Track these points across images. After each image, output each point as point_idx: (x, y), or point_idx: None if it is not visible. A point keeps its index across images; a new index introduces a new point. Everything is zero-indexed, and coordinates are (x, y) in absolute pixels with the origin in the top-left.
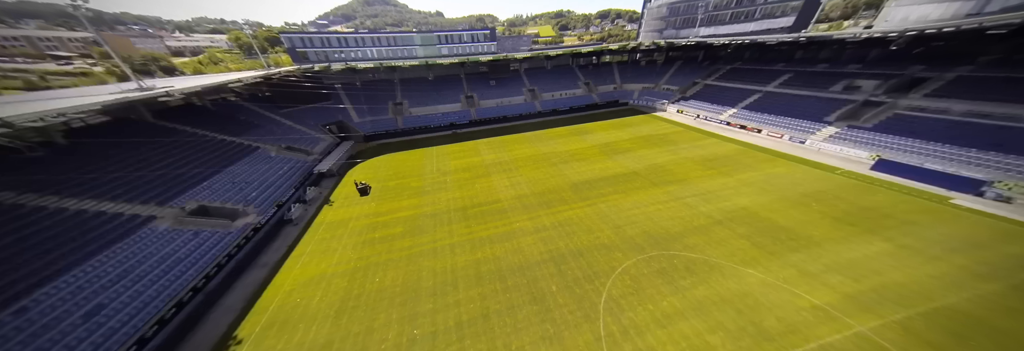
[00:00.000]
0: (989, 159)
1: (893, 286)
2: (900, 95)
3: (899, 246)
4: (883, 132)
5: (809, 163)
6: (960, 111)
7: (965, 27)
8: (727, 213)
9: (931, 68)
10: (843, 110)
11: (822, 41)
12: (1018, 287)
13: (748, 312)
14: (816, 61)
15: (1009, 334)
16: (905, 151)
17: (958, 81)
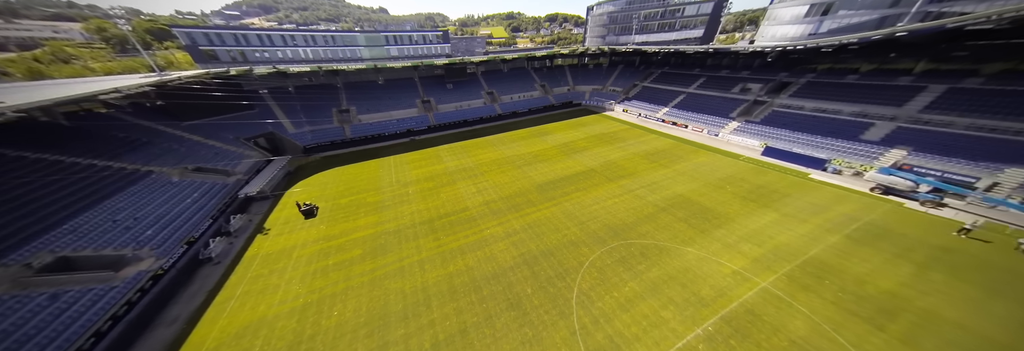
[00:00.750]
0: (828, 143)
1: (781, 247)
2: (775, 95)
3: (783, 215)
4: (767, 125)
5: (722, 152)
6: (810, 107)
7: (809, 45)
8: (668, 200)
9: (791, 75)
10: (741, 108)
11: (723, 52)
12: (848, 236)
13: (690, 285)
14: (721, 68)
15: (845, 271)
16: (781, 139)
17: (808, 85)
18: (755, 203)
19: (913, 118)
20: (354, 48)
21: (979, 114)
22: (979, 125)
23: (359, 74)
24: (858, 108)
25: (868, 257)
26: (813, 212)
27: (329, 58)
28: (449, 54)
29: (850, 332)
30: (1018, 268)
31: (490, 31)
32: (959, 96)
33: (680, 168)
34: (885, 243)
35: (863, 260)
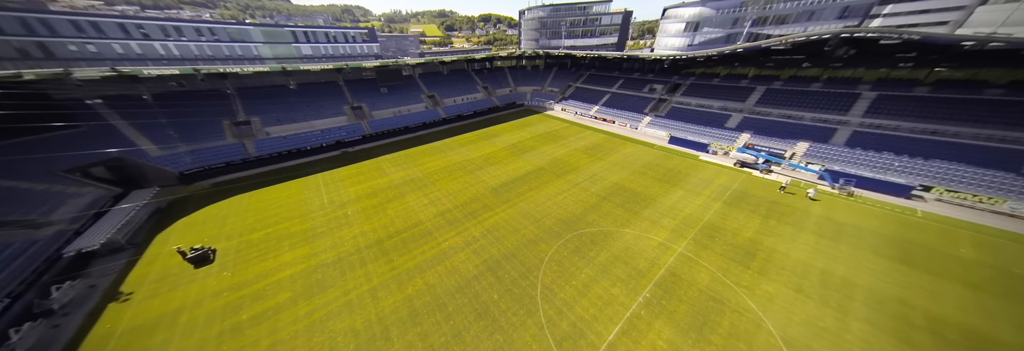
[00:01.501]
0: (707, 131)
1: (688, 217)
2: (672, 94)
3: (686, 191)
4: (670, 118)
5: (642, 143)
6: (695, 104)
7: (686, 56)
8: (607, 190)
9: (680, 77)
10: (650, 105)
11: (634, 58)
12: (725, 202)
13: (630, 261)
14: (633, 71)
15: (726, 229)
16: (680, 129)
17: (691, 86)
18: (668, 183)
19: (751, 110)
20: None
21: (784, 106)
22: (784, 114)
23: (260, 78)
24: (721, 103)
25: (737, 215)
26: (704, 186)
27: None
28: (379, 54)
29: (732, 274)
30: (809, 209)
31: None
32: (773, 94)
33: (613, 159)
34: (745, 203)
35: (734, 218)
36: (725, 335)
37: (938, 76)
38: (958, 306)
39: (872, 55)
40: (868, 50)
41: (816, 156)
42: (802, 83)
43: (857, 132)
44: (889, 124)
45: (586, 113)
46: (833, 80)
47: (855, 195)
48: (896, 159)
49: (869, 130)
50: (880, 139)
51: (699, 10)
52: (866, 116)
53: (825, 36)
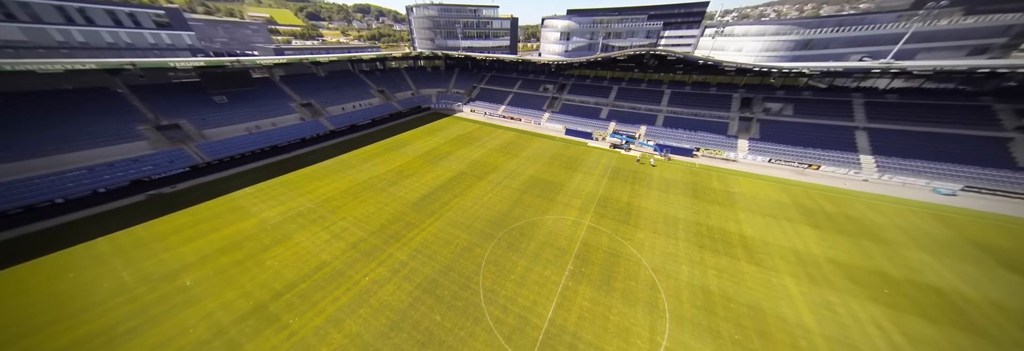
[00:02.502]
0: (589, 122)
1: (588, 195)
2: (561, 93)
3: (583, 173)
4: (563, 114)
5: (546, 136)
6: (578, 100)
7: (564, 62)
8: (526, 183)
9: (564, 79)
10: (547, 102)
11: (528, 61)
12: (610, 177)
13: (554, 243)
14: (528, 72)
15: (612, 198)
16: (571, 122)
17: (573, 86)
18: (570, 169)
19: (613, 104)
20: None
21: (630, 101)
22: (632, 106)
23: None
24: (594, 99)
25: (617, 187)
26: (594, 167)
27: None
28: (194, 47)
29: (620, 232)
30: (652, 172)
31: (269, 14)
32: (623, 92)
33: (526, 155)
34: (620, 175)
35: (615, 188)
36: (623, 279)
37: (694, 79)
38: (721, 218)
39: (665, 64)
40: (663, 61)
41: (651, 135)
42: (636, 84)
43: (667, 117)
44: (679, 110)
45: (495, 113)
46: (651, 81)
47: (672, 159)
48: (685, 133)
49: (671, 115)
50: (676, 121)
51: (568, 22)
52: (668, 106)
53: (640, 52)
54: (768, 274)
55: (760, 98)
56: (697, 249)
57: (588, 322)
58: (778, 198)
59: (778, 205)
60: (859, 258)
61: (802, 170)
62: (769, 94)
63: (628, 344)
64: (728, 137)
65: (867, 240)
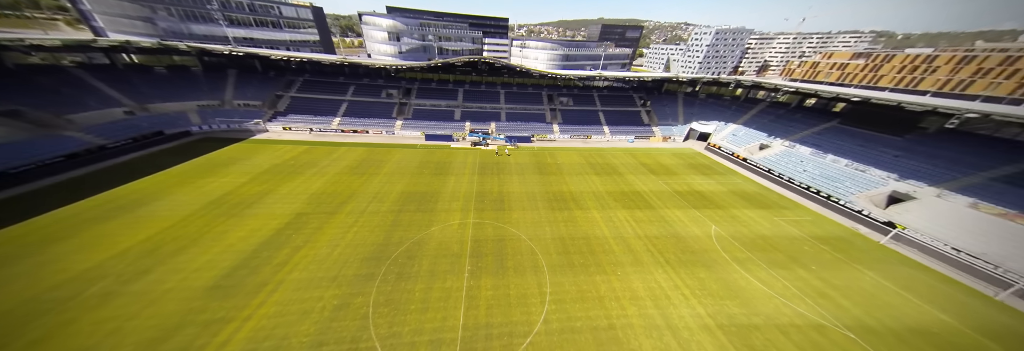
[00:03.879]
0: (446, 125)
1: (465, 195)
2: (409, 97)
3: (455, 175)
4: (417, 119)
5: (406, 146)
6: (429, 104)
7: (408, 65)
8: (398, 201)
9: (408, 83)
10: (395, 109)
11: (357, 65)
12: (478, 173)
13: (447, 251)
14: (361, 76)
15: (486, 191)
16: (429, 128)
17: (420, 90)
18: (442, 174)
19: (463, 106)
20: None
21: (477, 101)
22: (478, 106)
23: None
24: (445, 102)
25: (488, 180)
26: (463, 167)
27: None
28: None
29: (501, 219)
30: (509, 161)
31: None
32: (469, 94)
33: (388, 170)
34: (486, 170)
35: (486, 182)
36: (512, 257)
37: (517, 81)
38: (558, 183)
39: (495, 70)
40: (492, 67)
41: (500, 129)
42: (477, 86)
43: (507, 113)
44: (514, 107)
45: (328, 127)
46: (488, 84)
47: (520, 147)
48: (523, 124)
49: (510, 111)
50: (515, 115)
51: (393, 22)
52: (506, 104)
53: (475, 59)
54: (586, 212)
55: (556, 94)
56: (550, 211)
57: (495, 307)
58: (578, 161)
59: (579, 165)
60: (613, 186)
61: (584, 139)
62: (560, 91)
63: (528, 306)
64: (547, 124)
65: (614, 175)
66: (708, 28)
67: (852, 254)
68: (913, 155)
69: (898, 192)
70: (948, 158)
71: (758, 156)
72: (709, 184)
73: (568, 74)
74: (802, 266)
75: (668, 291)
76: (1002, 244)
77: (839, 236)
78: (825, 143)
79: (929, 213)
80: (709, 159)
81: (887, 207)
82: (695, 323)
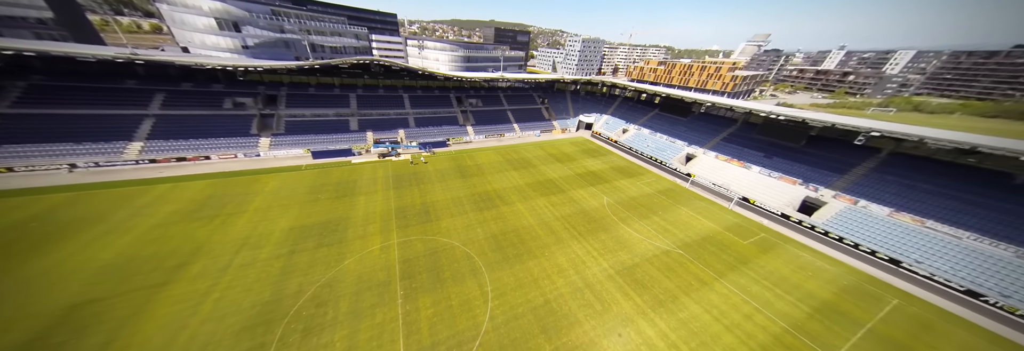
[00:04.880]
0: (341, 137)
1: (382, 214)
2: (275, 107)
3: (366, 194)
4: (294, 134)
5: (285, 169)
6: (309, 114)
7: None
8: (286, 241)
9: (270, 88)
10: (255, 123)
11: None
12: (394, 187)
13: (370, 282)
14: (175, 80)
15: (407, 205)
16: (315, 142)
17: (291, 97)
18: (348, 196)
19: (359, 113)
20: None
21: (375, 107)
22: (379, 112)
23: None
24: (334, 111)
25: (406, 193)
26: (374, 183)
27: None
28: None
29: (429, 233)
30: (428, 168)
31: None
32: (363, 99)
33: (260, 204)
34: (404, 182)
35: (406, 196)
36: (448, 267)
37: (421, 84)
38: (482, 184)
39: (392, 72)
40: (389, 70)
41: (412, 136)
42: (373, 90)
43: (416, 118)
44: (423, 111)
45: (114, 161)
46: (387, 87)
47: (436, 152)
48: (435, 129)
49: (419, 116)
50: (425, 120)
51: (224, 5)
52: (413, 109)
53: (365, 61)
54: (511, 206)
55: (465, 96)
56: (479, 212)
57: (439, 324)
58: (497, 159)
59: (498, 163)
60: (530, 178)
61: (498, 138)
62: (468, 93)
63: (472, 310)
64: (460, 126)
65: (529, 167)
66: (577, 37)
67: (677, 199)
68: (692, 129)
69: (689, 154)
70: (705, 130)
71: (623, 138)
72: (598, 164)
73: (475, 77)
74: (655, 213)
75: (583, 257)
76: (731, 178)
77: (669, 188)
78: (655, 125)
79: (703, 164)
80: (595, 144)
81: (686, 163)
82: (603, 275)
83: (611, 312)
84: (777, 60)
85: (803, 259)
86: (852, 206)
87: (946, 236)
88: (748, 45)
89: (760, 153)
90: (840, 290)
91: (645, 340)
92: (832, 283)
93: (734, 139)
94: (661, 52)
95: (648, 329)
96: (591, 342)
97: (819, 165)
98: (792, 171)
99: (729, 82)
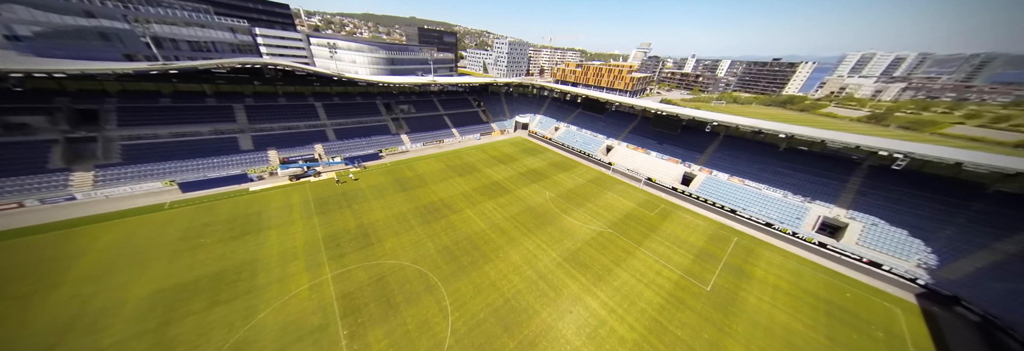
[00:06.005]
0: (228, 159)
1: (306, 246)
2: (98, 128)
3: (277, 228)
4: (137, 163)
5: (131, 212)
6: (166, 134)
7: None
8: (147, 316)
9: (76, 100)
10: (60, 153)
11: None
12: (317, 212)
13: (299, 332)
14: None
15: (339, 230)
16: (181, 171)
17: (126, 111)
18: (250, 233)
19: (253, 128)
20: None
21: (279, 120)
22: (284, 126)
23: None
24: (210, 127)
25: (336, 217)
26: (287, 212)
27: None
28: None
29: (372, 258)
30: (359, 185)
31: None
32: (256, 110)
33: (83, 272)
34: (330, 205)
35: (336, 220)
36: (400, 290)
37: (337, 90)
38: (425, 195)
39: (297, 77)
40: (292, 75)
41: (333, 151)
42: (271, 99)
43: (336, 130)
44: (344, 121)
45: None
46: (291, 95)
47: (367, 167)
48: (363, 141)
49: (339, 127)
50: (348, 131)
51: None
52: (330, 119)
53: (256, 65)
54: (460, 214)
55: (394, 103)
56: (427, 225)
57: None
58: (439, 167)
59: (441, 171)
60: (476, 182)
61: (438, 144)
62: (397, 99)
63: (432, 329)
64: (393, 135)
65: (474, 172)
66: (504, 39)
67: (603, 185)
68: (608, 124)
69: (608, 145)
70: (617, 124)
71: (556, 135)
72: (537, 162)
73: (404, 81)
74: (589, 201)
75: (534, 251)
76: (639, 163)
77: (597, 177)
78: (580, 122)
79: (619, 154)
80: (532, 143)
81: (607, 154)
82: (553, 264)
83: (562, 296)
84: (656, 64)
85: (687, 219)
86: (710, 175)
87: (754, 189)
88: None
89: (655, 141)
90: (708, 238)
91: (591, 312)
92: (703, 234)
93: (637, 131)
94: (577, 55)
95: (592, 302)
96: (549, 327)
97: (689, 147)
98: (675, 153)
99: (629, 82)
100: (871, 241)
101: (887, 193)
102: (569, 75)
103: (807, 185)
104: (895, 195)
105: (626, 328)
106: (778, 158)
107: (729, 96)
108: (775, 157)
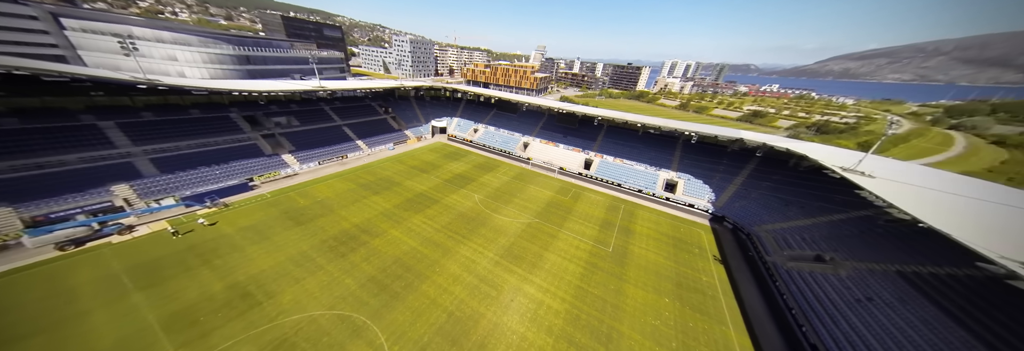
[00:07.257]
0: None
1: None
2: None
3: (51, 335)
4: None
5: None
6: None
7: None
8: None
9: None
10: None
11: None
12: (151, 284)
13: None
14: None
15: (207, 301)
16: None
17: None
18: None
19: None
20: None
21: (35, 155)
22: (40, 162)
23: None
24: None
25: (184, 285)
26: (62, 306)
27: None
28: None
29: (263, 322)
30: (219, 232)
31: None
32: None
33: None
34: (164, 271)
35: (185, 289)
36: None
37: (151, 101)
38: (332, 224)
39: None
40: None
41: (156, 192)
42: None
43: (156, 158)
44: (169, 146)
45: None
46: (52, 112)
47: (229, 204)
48: (215, 169)
49: (162, 155)
50: (180, 159)
51: None
52: (140, 145)
53: None
54: (384, 237)
55: (261, 114)
56: (340, 259)
57: None
58: (347, 186)
59: (349, 191)
60: (398, 198)
61: (340, 161)
62: (268, 110)
63: None
64: (271, 156)
65: (393, 186)
66: (404, 35)
67: (526, 180)
68: (522, 122)
69: (525, 142)
70: (530, 122)
71: (476, 137)
72: (461, 166)
73: (274, 89)
74: (515, 196)
75: (472, 256)
76: (552, 155)
77: (520, 172)
78: (498, 122)
79: (535, 149)
80: (454, 147)
81: (524, 150)
82: (490, 264)
83: (504, 291)
84: (552, 65)
85: (592, 198)
86: (602, 159)
87: (629, 166)
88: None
89: (561, 134)
90: (606, 209)
91: (530, 298)
92: (603, 206)
93: (547, 126)
94: (484, 55)
95: (530, 288)
96: (495, 325)
97: (585, 137)
98: (577, 144)
99: (534, 82)
100: (689, 191)
101: (692, 158)
102: (479, 75)
103: (656, 157)
104: (694, 159)
105: (558, 301)
106: (638, 140)
107: (606, 92)
108: (636, 140)
